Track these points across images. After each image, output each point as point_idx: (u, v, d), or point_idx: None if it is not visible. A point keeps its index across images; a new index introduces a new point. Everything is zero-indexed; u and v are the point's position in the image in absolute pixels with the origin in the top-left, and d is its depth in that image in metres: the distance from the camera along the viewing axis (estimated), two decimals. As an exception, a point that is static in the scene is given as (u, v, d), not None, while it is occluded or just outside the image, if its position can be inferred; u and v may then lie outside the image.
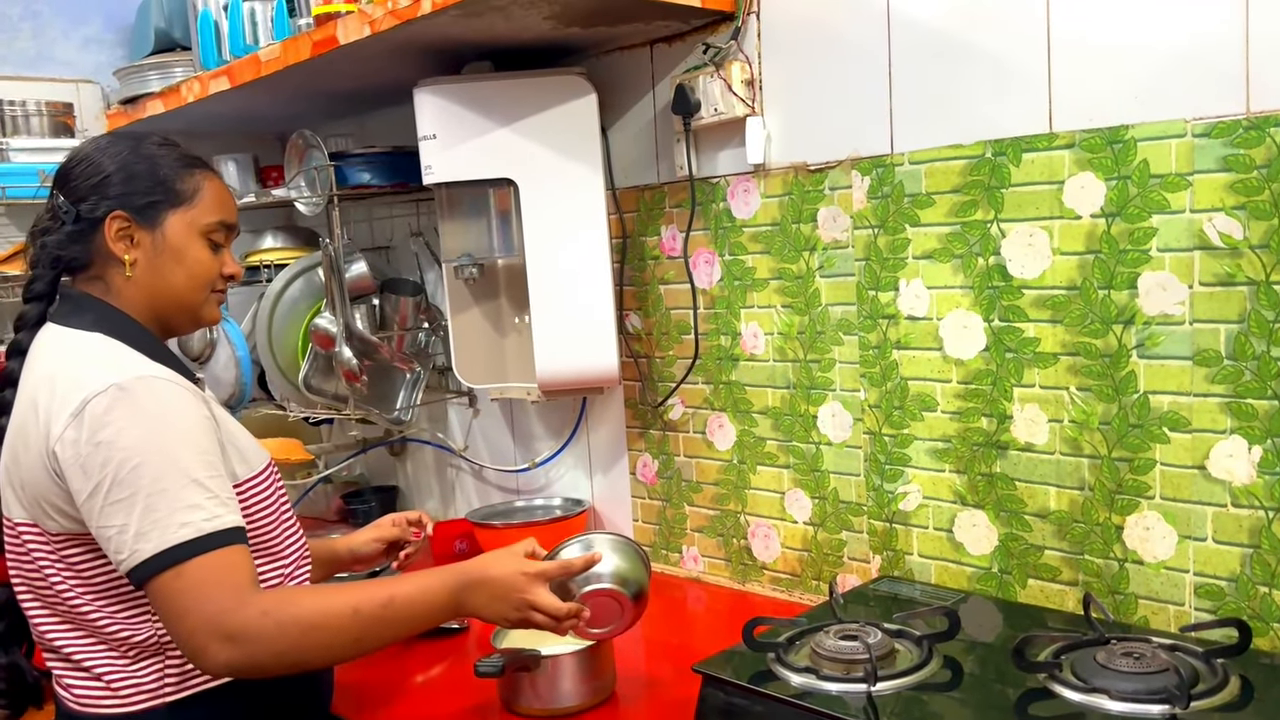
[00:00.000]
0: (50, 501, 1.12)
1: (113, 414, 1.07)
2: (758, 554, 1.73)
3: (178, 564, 1.04)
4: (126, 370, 1.11)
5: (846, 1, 1.48)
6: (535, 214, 1.74)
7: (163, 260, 1.21)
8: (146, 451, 1.07)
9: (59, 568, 1.14)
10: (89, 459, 1.07)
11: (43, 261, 1.21)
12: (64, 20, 2.38)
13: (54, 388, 1.12)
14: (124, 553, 1.06)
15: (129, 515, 1.05)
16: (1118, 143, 1.25)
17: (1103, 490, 1.32)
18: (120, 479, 1.06)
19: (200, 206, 1.23)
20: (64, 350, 1.17)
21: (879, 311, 1.51)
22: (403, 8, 1.51)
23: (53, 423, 1.10)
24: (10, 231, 2.29)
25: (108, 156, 1.20)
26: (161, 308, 1.23)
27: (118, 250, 1.19)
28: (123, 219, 1.19)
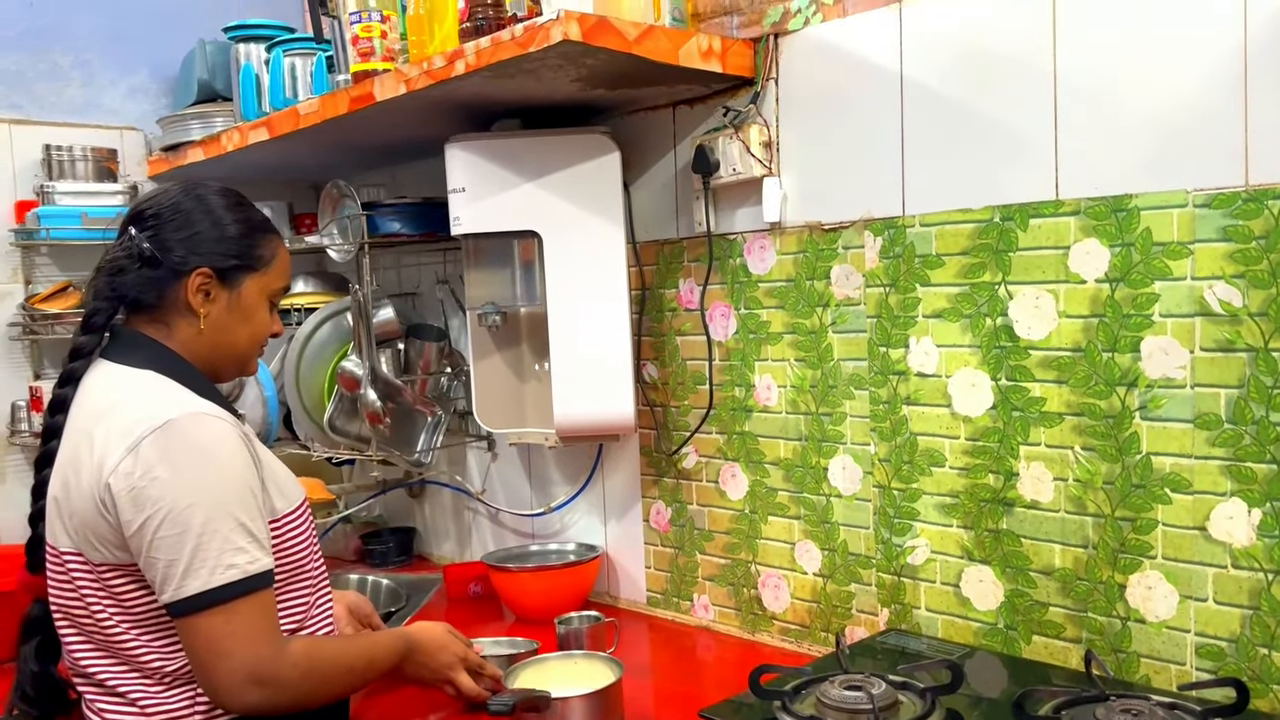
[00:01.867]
0: (97, 532, 1.16)
1: (168, 450, 1.12)
2: (768, 604, 1.75)
3: (220, 604, 1.12)
4: (181, 406, 1.17)
5: (862, 70, 1.54)
6: (558, 265, 1.79)
7: (233, 319, 1.28)
8: (199, 491, 1.13)
9: (100, 595, 1.18)
10: (143, 493, 1.12)
11: (107, 296, 1.25)
12: (112, 70, 2.48)
13: (110, 422, 1.16)
14: (169, 586, 1.12)
15: (179, 551, 1.11)
16: (1122, 211, 1.30)
17: (1106, 549, 1.35)
18: (173, 516, 1.11)
19: (274, 273, 1.31)
20: (119, 385, 1.21)
21: (890, 368, 1.55)
22: (438, 68, 1.58)
23: (107, 456, 1.14)
24: (51, 271, 2.36)
25: (201, 212, 1.26)
26: (218, 359, 1.29)
27: (195, 303, 1.25)
28: (206, 275, 1.25)
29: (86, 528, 1.16)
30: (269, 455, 1.30)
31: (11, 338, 2.32)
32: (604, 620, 1.68)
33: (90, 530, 1.16)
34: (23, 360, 2.34)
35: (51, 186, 2.29)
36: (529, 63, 1.51)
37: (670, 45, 1.54)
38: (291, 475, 1.33)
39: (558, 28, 1.40)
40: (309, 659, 1.19)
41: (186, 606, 1.12)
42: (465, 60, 1.54)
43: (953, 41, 1.44)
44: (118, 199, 2.33)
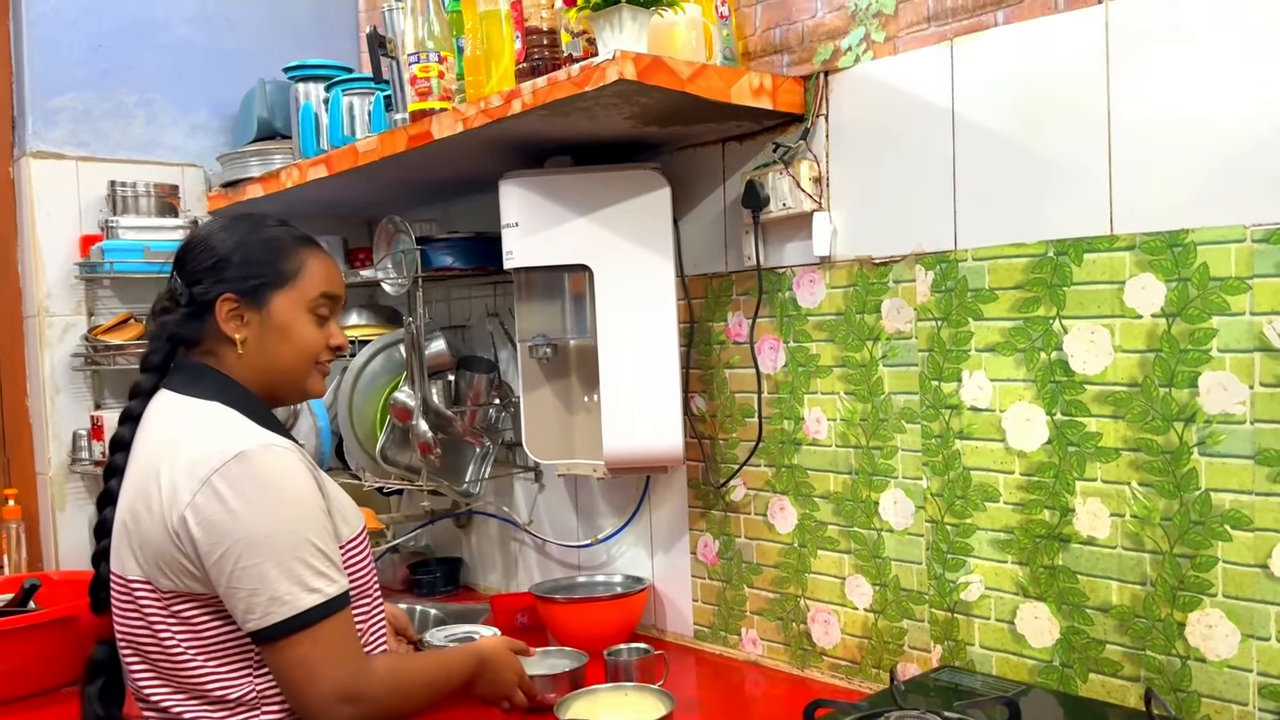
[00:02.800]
0: (169, 562, 1.18)
1: (241, 482, 1.15)
2: (817, 639, 1.75)
3: (308, 627, 1.15)
4: (250, 438, 1.19)
5: (913, 106, 1.56)
6: (608, 298, 1.82)
7: (270, 338, 1.29)
8: (275, 520, 1.15)
9: (170, 623, 1.20)
10: (221, 524, 1.14)
11: (159, 337, 1.30)
12: (175, 108, 2.56)
13: (178, 454, 1.18)
14: (254, 615, 1.14)
15: (261, 580, 1.14)
16: (1178, 246, 1.30)
17: (1164, 586, 1.33)
18: (252, 546, 1.14)
19: (304, 284, 1.31)
20: (184, 417, 1.24)
21: (942, 402, 1.55)
22: (495, 107, 1.62)
23: (179, 489, 1.16)
24: (114, 303, 2.43)
25: (219, 241, 1.29)
26: (270, 381, 1.31)
27: (229, 330, 1.27)
28: (232, 301, 1.27)
29: (158, 557, 1.18)
30: (331, 483, 1.32)
31: (74, 368, 2.39)
32: (653, 653, 1.69)
33: (162, 560, 1.18)
34: (85, 390, 2.41)
35: (115, 221, 2.36)
36: (584, 101, 1.54)
37: (722, 84, 1.57)
38: (352, 502, 1.36)
39: (613, 68, 1.44)
40: (393, 674, 1.23)
41: (275, 632, 1.14)
42: (522, 99, 1.58)
43: (1005, 78, 1.45)
44: (178, 233, 2.39)
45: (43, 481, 2.41)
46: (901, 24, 1.58)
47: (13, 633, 1.83)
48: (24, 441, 2.44)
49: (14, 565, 2.31)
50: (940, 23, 1.53)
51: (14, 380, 2.43)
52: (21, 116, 2.40)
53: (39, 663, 1.85)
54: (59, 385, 2.38)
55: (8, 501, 2.33)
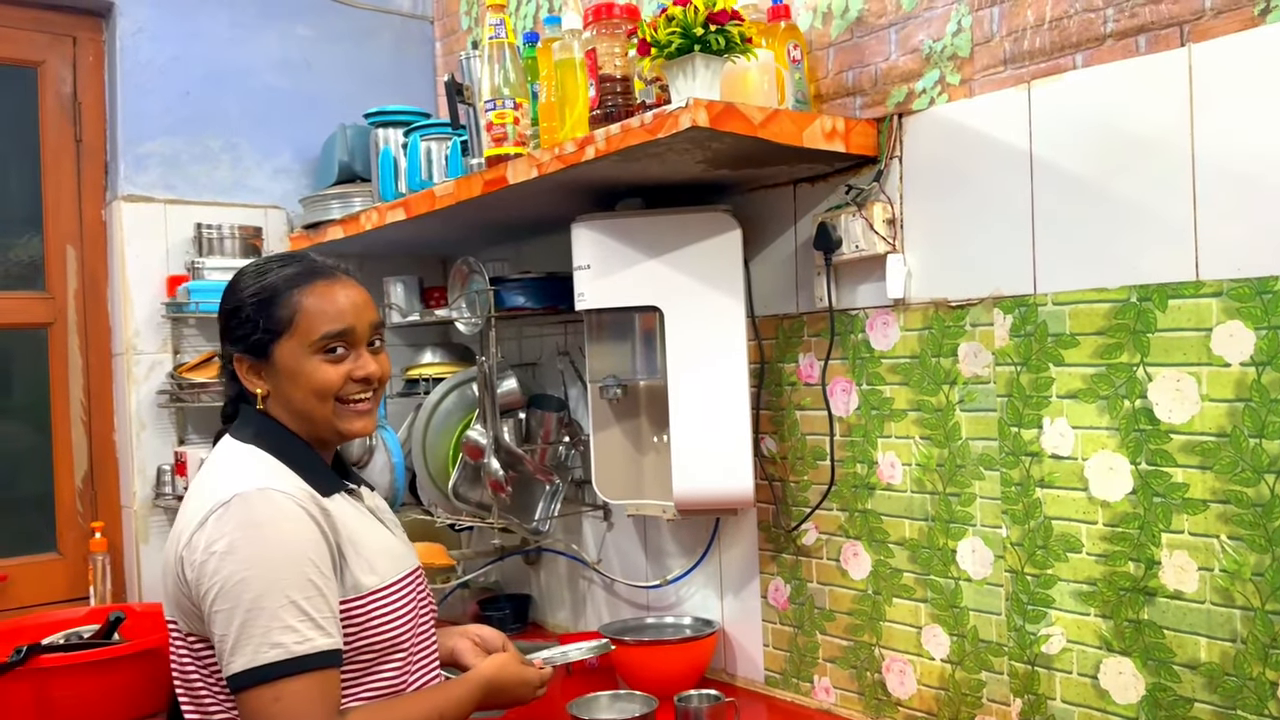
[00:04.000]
0: (178, 602, 1.24)
1: (228, 524, 1.17)
2: (892, 689, 1.71)
3: (267, 683, 1.13)
4: (250, 481, 1.21)
5: (989, 148, 1.54)
6: (678, 339, 1.82)
7: (285, 385, 1.31)
8: (253, 566, 1.15)
9: (190, 662, 1.26)
10: (204, 566, 1.17)
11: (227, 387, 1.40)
12: (258, 153, 2.64)
13: (195, 496, 1.25)
14: (222, 660, 1.17)
15: (228, 626, 1.15)
16: (1267, 294, 1.26)
17: (1256, 644, 1.28)
18: (225, 590, 1.15)
19: (302, 328, 1.29)
20: (219, 460, 1.30)
21: (1022, 448, 1.52)
22: (569, 153, 1.65)
23: (184, 530, 1.21)
24: (198, 341, 2.51)
25: (226, 301, 1.35)
26: (303, 425, 1.33)
27: (250, 385, 1.33)
28: (242, 360, 1.33)
29: (171, 598, 1.25)
30: (368, 531, 1.31)
31: (160, 405, 2.46)
32: (724, 700, 1.67)
33: (174, 600, 1.25)
34: (169, 426, 2.48)
35: (201, 262, 2.44)
36: (657, 147, 1.55)
37: (794, 128, 1.57)
38: (398, 549, 1.35)
39: (686, 115, 1.45)
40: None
41: (235, 683, 1.15)
42: (595, 146, 1.60)
43: (1084, 121, 1.43)
44: (261, 274, 2.46)
45: (127, 515, 2.49)
46: (977, 67, 1.57)
47: (99, 664, 1.88)
48: (111, 476, 2.52)
49: (99, 597, 2.38)
50: (1017, 65, 1.52)
51: (103, 416, 2.52)
52: (114, 161, 2.50)
53: (124, 694, 1.90)
54: (144, 421, 2.45)
55: (94, 534, 2.40)
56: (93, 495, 2.52)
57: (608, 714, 1.69)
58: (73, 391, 2.49)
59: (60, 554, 2.48)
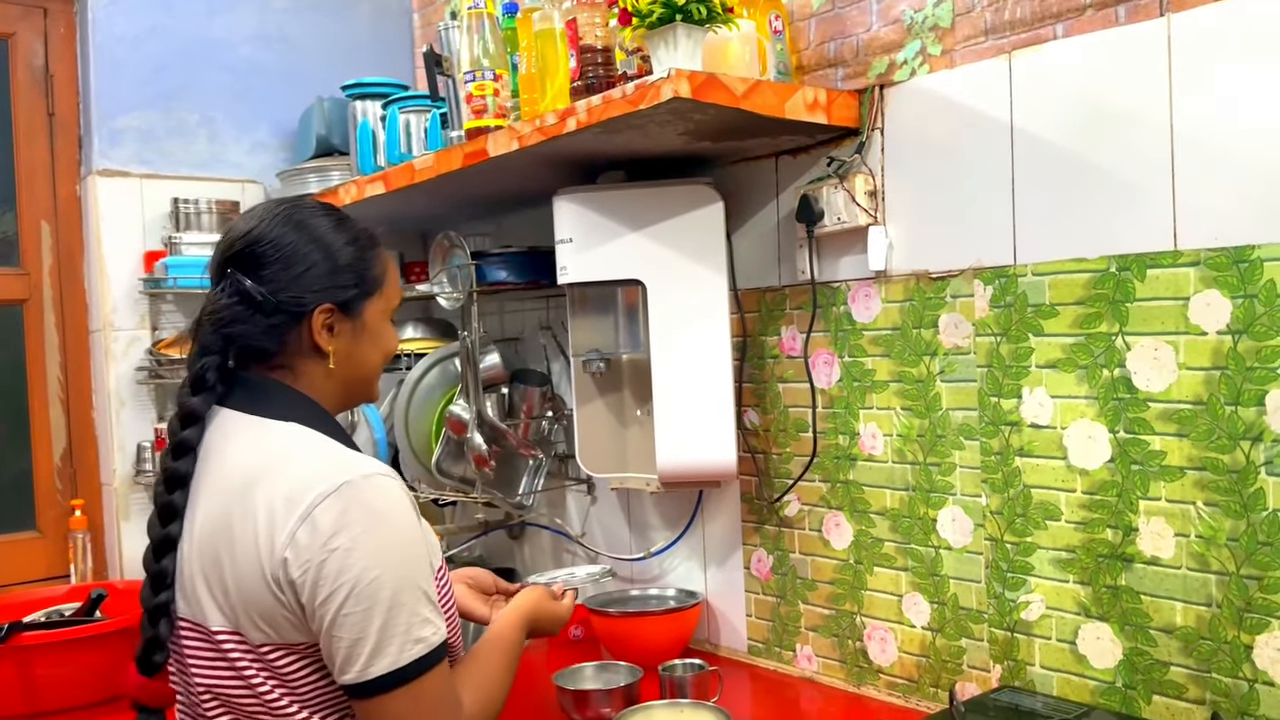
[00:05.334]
0: (264, 612, 1.05)
1: (346, 517, 1.03)
2: (874, 657, 1.73)
3: (408, 682, 1.04)
4: (352, 467, 1.07)
5: (971, 120, 1.55)
6: (661, 313, 1.82)
7: (361, 347, 1.20)
8: (384, 563, 1.04)
9: (266, 675, 1.08)
10: (324, 566, 1.02)
11: (218, 350, 1.13)
12: (234, 127, 2.61)
13: (269, 486, 1.06)
14: (353, 667, 1.03)
15: (364, 629, 1.03)
16: (1244, 262, 1.27)
17: (1231, 608, 1.31)
18: (358, 591, 1.02)
19: (389, 290, 1.23)
20: (267, 443, 1.11)
21: (1001, 418, 1.53)
22: (550, 125, 1.64)
23: (277, 527, 1.04)
24: (176, 317, 2.49)
25: (308, 242, 1.15)
26: (350, 392, 1.22)
27: (321, 342, 1.15)
28: (328, 312, 1.15)
29: (250, 608, 1.05)
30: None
31: (139, 381, 2.44)
32: (708, 669, 1.69)
33: (255, 610, 1.05)
34: (148, 403, 2.46)
35: (179, 237, 2.42)
36: (638, 119, 1.55)
37: (777, 99, 1.57)
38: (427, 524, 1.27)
39: (668, 85, 1.44)
40: (477, 700, 1.16)
41: (372, 688, 1.03)
42: (577, 117, 1.59)
43: (1065, 92, 1.44)
44: (239, 249, 2.44)
45: (107, 492, 2.48)
46: (958, 37, 1.57)
47: (82, 642, 1.87)
48: (90, 453, 2.51)
49: (80, 575, 2.37)
50: (998, 36, 1.52)
51: (80, 393, 2.50)
52: (88, 136, 2.47)
53: (106, 671, 1.89)
54: (123, 398, 2.44)
55: (74, 512, 2.39)
56: (72, 473, 2.50)
57: (593, 684, 1.70)
58: (49, 369, 2.47)
59: (39, 532, 2.47)
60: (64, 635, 1.88)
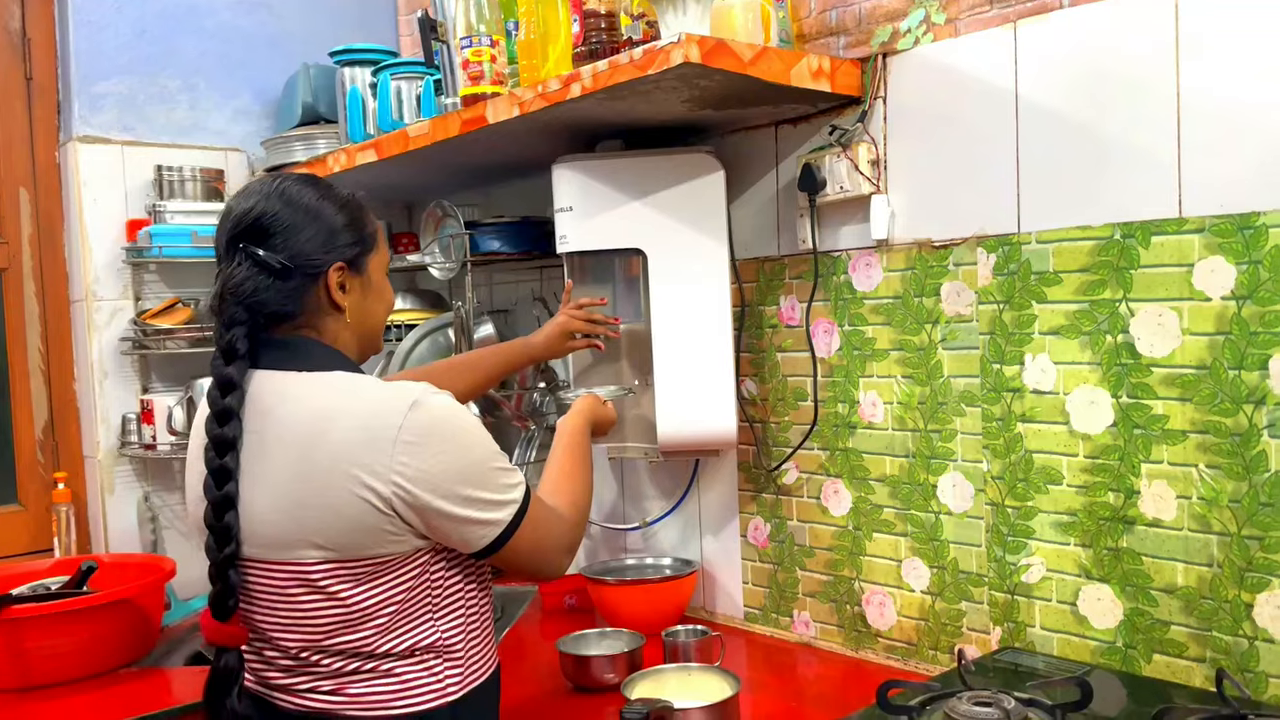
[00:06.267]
0: (370, 531, 1.16)
1: (432, 428, 1.17)
2: (872, 621, 1.76)
3: (522, 521, 1.24)
4: (410, 391, 1.19)
5: (975, 88, 1.56)
6: (661, 282, 1.82)
7: (369, 301, 1.31)
8: (472, 447, 1.21)
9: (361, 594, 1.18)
10: (432, 471, 1.16)
11: (243, 320, 1.21)
12: (217, 94, 2.57)
13: (348, 427, 1.16)
14: (486, 530, 1.21)
15: (484, 500, 1.20)
16: (1249, 229, 1.30)
17: (1232, 568, 1.34)
18: (466, 476, 1.19)
19: (382, 247, 1.34)
20: (326, 392, 1.20)
21: (1003, 385, 1.55)
22: (553, 91, 1.62)
23: (372, 455, 1.15)
24: (160, 287, 2.45)
25: (307, 211, 1.24)
26: (364, 343, 1.32)
27: (337, 299, 1.25)
28: (341, 269, 1.25)
29: (357, 532, 1.16)
30: None
31: (123, 352, 2.40)
32: (711, 634, 1.70)
33: (361, 532, 1.16)
34: (132, 374, 2.43)
35: (163, 206, 2.38)
36: (645, 84, 1.54)
37: (783, 66, 1.57)
38: None
39: (678, 50, 1.43)
40: (571, 503, 1.37)
41: (506, 536, 1.22)
42: (582, 83, 1.58)
43: (1070, 60, 1.45)
44: (225, 218, 2.40)
45: (91, 465, 2.44)
46: (963, 6, 1.57)
47: (75, 614, 1.85)
48: (72, 425, 2.47)
49: (64, 548, 2.34)
50: (1003, 5, 1.52)
51: (62, 364, 2.45)
52: (67, 102, 2.41)
53: (100, 645, 1.88)
54: (107, 369, 2.40)
55: (57, 485, 2.35)
56: (54, 446, 2.46)
57: (596, 650, 1.71)
58: (30, 339, 2.43)
59: (22, 506, 2.43)
60: (57, 608, 1.85)
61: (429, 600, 1.23)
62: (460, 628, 1.25)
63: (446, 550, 1.24)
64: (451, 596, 1.25)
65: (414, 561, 1.21)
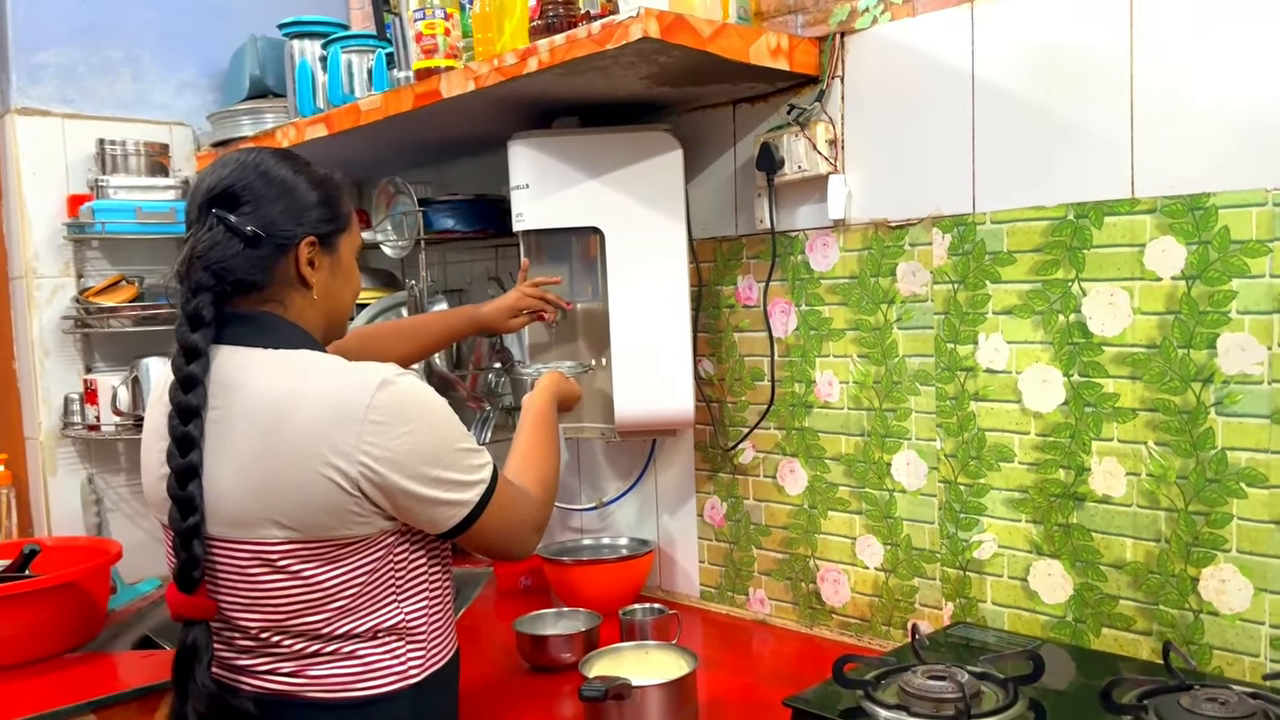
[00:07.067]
0: (335, 512, 1.14)
1: (400, 409, 1.15)
2: (827, 598, 1.77)
3: (489, 501, 1.23)
4: (378, 371, 1.17)
5: (931, 68, 1.56)
6: (619, 261, 1.81)
7: (337, 282, 1.28)
8: (439, 427, 1.20)
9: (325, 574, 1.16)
10: (399, 450, 1.14)
11: (209, 287, 1.18)
12: (162, 66, 2.50)
13: (313, 407, 1.13)
14: (454, 510, 1.20)
15: (450, 480, 1.19)
16: (1199, 209, 1.32)
17: (1179, 543, 1.36)
18: (434, 456, 1.17)
19: (355, 229, 1.32)
20: (291, 371, 1.18)
21: (957, 364, 1.56)
22: (509, 65, 1.60)
23: (339, 436, 1.12)
24: (103, 265, 2.38)
25: (283, 183, 1.22)
26: (329, 326, 1.30)
27: (306, 274, 1.23)
28: (312, 244, 1.23)
29: (323, 512, 1.14)
30: None
31: (64, 331, 2.34)
32: (667, 612, 1.70)
33: (327, 513, 1.14)
34: (74, 354, 2.36)
35: (105, 180, 2.31)
36: (602, 60, 1.52)
37: (742, 43, 1.56)
38: None
39: (638, 25, 1.42)
40: (538, 482, 1.36)
41: (474, 516, 1.21)
42: (539, 57, 1.56)
43: (1026, 41, 1.46)
44: (170, 194, 2.35)
45: (32, 446, 2.38)
46: (920, -14, 1.57)
47: (15, 599, 1.80)
48: (12, 406, 2.40)
49: (4, 532, 2.28)
50: (960, -15, 1.53)
51: (1, 343, 2.38)
52: (4, 72, 2.33)
53: (41, 629, 1.83)
54: (48, 348, 2.33)
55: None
56: (-8, 427, 2.40)
57: (553, 630, 1.70)
58: (-34, 318, 2.36)
59: (-41, 489, 2.36)
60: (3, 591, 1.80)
61: (392, 581, 1.21)
62: (423, 609, 1.24)
63: (411, 531, 1.22)
64: (415, 578, 1.24)
65: (379, 542, 1.19)
